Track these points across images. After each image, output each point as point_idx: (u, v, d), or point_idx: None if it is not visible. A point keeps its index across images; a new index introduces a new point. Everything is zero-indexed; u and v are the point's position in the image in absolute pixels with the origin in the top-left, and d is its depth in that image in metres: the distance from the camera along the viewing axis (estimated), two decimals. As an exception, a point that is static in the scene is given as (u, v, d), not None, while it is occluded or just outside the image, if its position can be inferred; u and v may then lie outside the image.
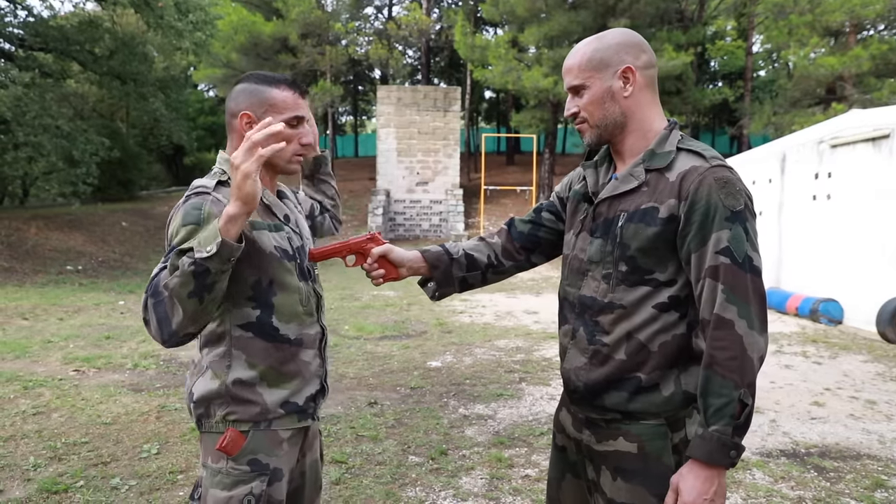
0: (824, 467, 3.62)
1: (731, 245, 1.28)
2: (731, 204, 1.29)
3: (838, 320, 8.35)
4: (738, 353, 1.27)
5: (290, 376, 1.53)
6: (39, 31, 15.19)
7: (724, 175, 1.32)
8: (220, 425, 1.48)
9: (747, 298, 1.28)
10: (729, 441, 1.27)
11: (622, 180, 1.43)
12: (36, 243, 13.61)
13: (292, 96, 1.53)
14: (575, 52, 1.46)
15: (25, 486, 3.26)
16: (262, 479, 1.46)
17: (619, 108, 1.42)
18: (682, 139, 1.43)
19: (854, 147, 8.44)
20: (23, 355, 6.08)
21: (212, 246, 1.22)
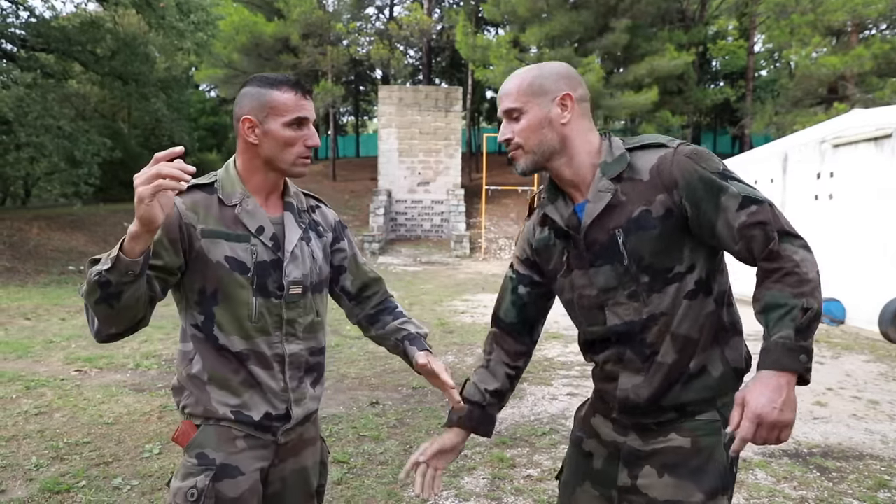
0: (827, 467, 3.61)
1: (745, 193, 1.30)
2: (714, 167, 1.33)
3: (840, 320, 8.34)
4: (793, 268, 1.26)
5: (240, 386, 1.49)
6: (41, 31, 15.21)
7: (690, 148, 1.36)
8: (182, 416, 1.53)
9: (786, 225, 1.30)
10: (793, 344, 1.21)
11: (595, 200, 1.40)
12: (38, 244, 13.63)
13: (294, 97, 1.48)
14: (513, 77, 1.45)
15: (28, 486, 3.26)
16: (207, 474, 1.44)
17: (557, 135, 1.41)
18: (625, 141, 1.44)
19: (856, 147, 8.43)
20: (25, 355, 6.09)
21: (113, 255, 1.25)
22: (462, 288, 11.66)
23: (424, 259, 16.57)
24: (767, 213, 1.30)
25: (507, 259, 16.88)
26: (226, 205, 1.49)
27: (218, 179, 1.52)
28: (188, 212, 1.45)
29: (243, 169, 1.53)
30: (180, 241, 1.43)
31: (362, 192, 21.88)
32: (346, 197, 21.70)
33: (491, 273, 14.25)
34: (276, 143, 1.47)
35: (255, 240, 1.49)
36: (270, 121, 1.47)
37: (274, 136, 1.47)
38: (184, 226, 1.43)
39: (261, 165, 1.52)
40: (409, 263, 15.88)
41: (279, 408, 1.52)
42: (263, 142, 1.48)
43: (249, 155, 1.52)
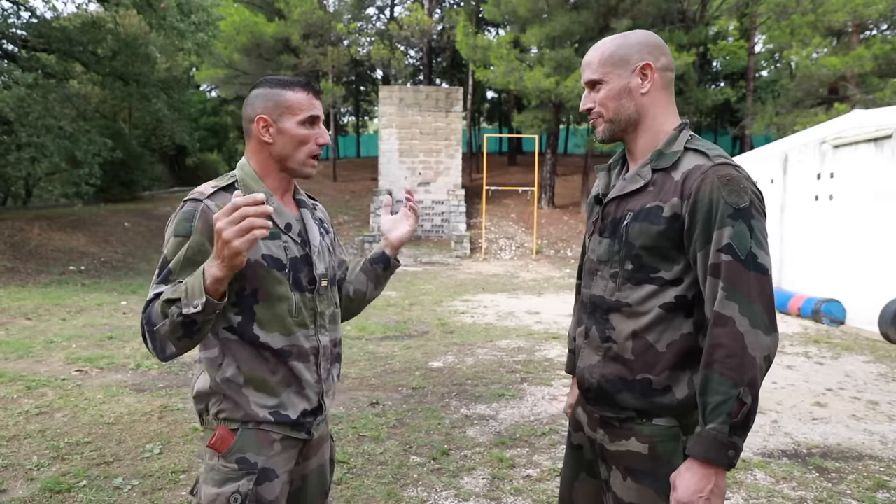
0: (826, 468, 3.62)
1: (734, 242, 1.27)
2: (734, 201, 1.29)
3: (840, 321, 8.34)
4: (738, 350, 1.25)
5: (278, 385, 1.51)
6: (42, 32, 15.21)
7: (728, 172, 1.32)
8: (213, 422, 1.51)
9: (750, 296, 1.26)
10: (726, 440, 1.25)
11: (630, 180, 1.45)
12: (39, 243, 13.64)
13: (307, 97, 1.54)
14: (597, 47, 1.47)
15: (29, 486, 3.27)
16: (249, 478, 1.46)
17: (635, 104, 1.43)
18: (692, 139, 1.43)
19: (856, 147, 8.44)
20: (26, 355, 6.10)
21: (198, 303, 1.28)
22: (462, 288, 11.66)
23: (425, 259, 16.58)
24: (736, 271, 1.27)
25: (507, 259, 16.87)
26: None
27: (238, 179, 1.54)
28: None
29: (259, 169, 1.56)
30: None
31: (363, 192, 21.88)
32: (347, 197, 21.70)
33: (491, 273, 14.25)
34: (289, 141, 1.52)
35: (286, 236, 1.54)
36: (285, 119, 1.52)
37: (288, 134, 1.52)
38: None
39: (274, 165, 1.56)
40: (410, 264, 15.88)
41: (313, 400, 1.56)
42: (277, 140, 1.53)
43: (263, 155, 1.56)
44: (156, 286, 1.41)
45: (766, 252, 1.30)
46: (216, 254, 1.29)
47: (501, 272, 14.52)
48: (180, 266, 1.41)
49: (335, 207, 20.53)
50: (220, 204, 1.45)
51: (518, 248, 17.74)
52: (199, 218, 1.43)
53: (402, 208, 1.84)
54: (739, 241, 1.27)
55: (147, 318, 1.37)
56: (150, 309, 1.38)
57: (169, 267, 1.41)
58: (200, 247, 1.41)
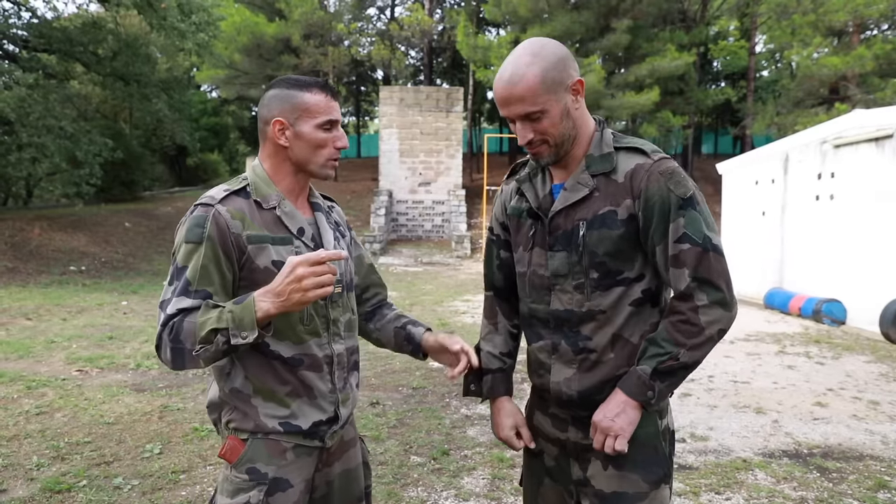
0: (827, 468, 3.61)
1: (689, 230, 1.34)
2: (681, 192, 1.35)
3: (841, 321, 8.34)
4: (693, 319, 1.34)
5: (288, 396, 1.47)
6: (43, 32, 15.22)
7: (668, 166, 1.38)
8: (224, 431, 1.49)
9: (710, 274, 1.34)
10: (647, 380, 1.35)
11: (571, 190, 1.43)
12: (39, 244, 13.65)
13: (325, 99, 1.49)
14: (521, 76, 1.35)
15: (29, 486, 3.27)
16: (260, 489, 1.43)
17: (573, 122, 1.41)
18: (616, 137, 1.45)
19: (857, 147, 8.43)
20: (26, 355, 6.10)
21: (247, 335, 1.30)
22: (463, 288, 11.66)
23: (425, 259, 16.57)
24: (697, 256, 1.33)
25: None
26: (263, 208, 1.47)
27: (250, 182, 1.50)
28: (233, 220, 1.42)
29: (272, 172, 1.52)
30: (233, 252, 1.42)
31: (363, 192, 21.89)
32: (348, 197, 21.70)
33: (492, 273, 14.25)
34: (307, 144, 1.48)
35: (298, 241, 1.50)
36: (302, 123, 1.47)
37: (306, 138, 1.48)
38: (231, 236, 1.41)
39: (290, 168, 1.52)
40: (410, 264, 15.88)
41: (328, 410, 1.52)
42: (294, 144, 1.48)
43: (279, 158, 1.51)
44: (177, 299, 1.37)
45: (717, 232, 1.37)
46: (279, 292, 1.29)
47: (502, 272, 14.52)
48: (198, 276, 1.38)
49: (336, 208, 20.53)
50: (231, 209, 1.42)
51: (518, 248, 17.75)
52: (210, 224, 1.39)
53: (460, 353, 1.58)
54: (694, 227, 1.34)
55: (174, 334, 1.34)
56: (177, 326, 1.34)
57: (186, 277, 1.38)
58: (214, 254, 1.39)
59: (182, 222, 1.45)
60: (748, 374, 5.75)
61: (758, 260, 10.76)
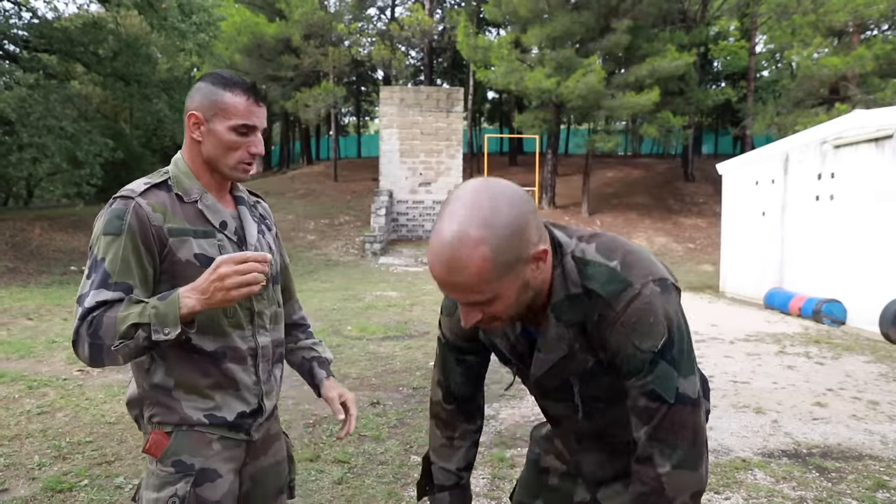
0: (826, 468, 3.62)
1: (657, 386, 1.14)
2: (648, 346, 1.12)
3: (841, 321, 8.34)
4: (658, 491, 1.16)
5: (211, 388, 1.46)
6: (44, 32, 15.25)
7: (632, 315, 1.12)
8: (148, 427, 1.47)
9: (671, 432, 1.15)
10: None
11: (548, 350, 1.23)
12: (40, 244, 13.67)
13: (245, 102, 1.44)
14: (461, 265, 1.01)
15: (30, 485, 3.28)
16: (186, 480, 1.42)
17: (532, 289, 1.14)
18: (580, 268, 1.17)
19: (857, 148, 8.44)
20: (27, 355, 6.11)
21: (170, 331, 1.28)
22: (463, 288, 11.66)
23: (426, 260, 16.54)
24: (662, 414, 1.14)
25: (509, 260, 16.84)
26: (185, 201, 1.46)
27: (171, 176, 1.48)
28: (154, 213, 1.41)
29: (192, 165, 1.50)
30: (153, 245, 1.40)
31: (363, 192, 21.89)
32: (348, 197, 21.71)
33: (492, 273, 14.25)
34: (218, 144, 1.45)
35: (221, 234, 1.49)
36: (216, 121, 1.44)
37: (217, 137, 1.44)
38: (152, 228, 1.40)
39: (203, 164, 1.49)
40: (411, 264, 15.89)
41: (252, 402, 1.52)
42: (206, 141, 1.46)
43: (194, 152, 1.49)
44: (95, 291, 1.33)
45: (692, 370, 1.16)
46: (203, 290, 1.29)
47: (502, 272, 14.52)
48: (118, 268, 1.35)
49: (336, 208, 20.55)
50: (152, 202, 1.40)
51: (519, 248, 17.74)
52: (130, 216, 1.37)
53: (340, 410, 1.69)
54: (663, 384, 1.14)
55: (92, 329, 1.30)
56: (97, 320, 1.31)
57: (105, 269, 1.35)
58: (134, 246, 1.37)
59: (100, 215, 1.42)
60: (748, 374, 5.76)
61: (758, 260, 10.77)
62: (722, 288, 11.96)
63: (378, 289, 11.46)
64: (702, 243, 18.53)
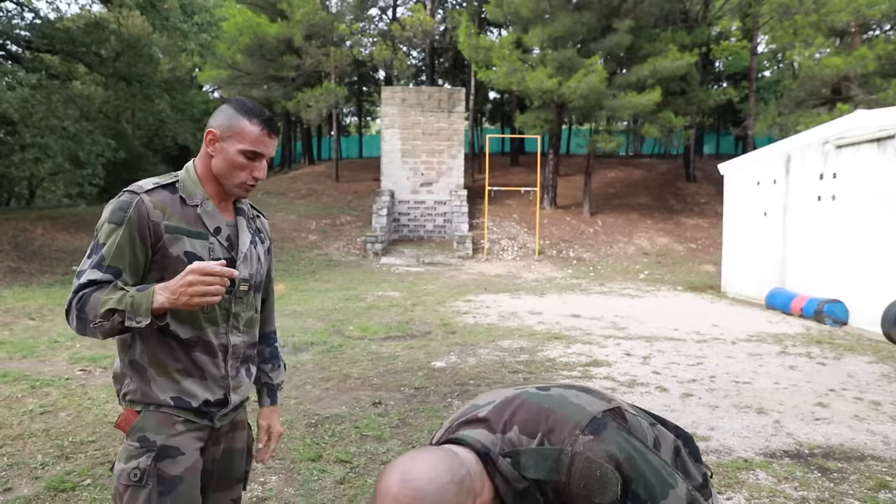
0: (828, 468, 3.62)
1: None
2: (609, 499, 1.12)
3: (843, 321, 8.34)
4: None
5: (179, 373, 1.60)
6: (46, 33, 15.28)
7: (580, 478, 1.12)
8: (123, 403, 1.62)
9: None
10: None
11: None
12: (42, 244, 13.68)
13: (259, 133, 1.61)
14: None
15: (33, 484, 3.29)
16: (148, 455, 1.55)
17: None
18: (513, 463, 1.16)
19: (859, 148, 8.43)
20: (30, 355, 6.12)
21: (141, 320, 1.44)
22: (465, 289, 11.67)
23: (427, 260, 16.58)
24: None
25: (510, 260, 16.87)
26: (187, 204, 1.62)
27: (180, 180, 1.65)
28: (154, 210, 1.57)
29: (202, 174, 1.67)
30: (148, 238, 1.56)
31: (365, 192, 21.90)
32: (349, 198, 21.71)
33: (493, 274, 14.25)
34: (227, 163, 1.62)
35: (213, 238, 1.64)
36: (230, 142, 1.61)
37: (227, 156, 1.61)
38: (150, 223, 1.56)
39: (212, 176, 1.66)
40: (412, 264, 15.89)
41: (217, 393, 1.66)
42: (217, 157, 1.63)
43: (206, 164, 1.66)
44: (90, 270, 1.51)
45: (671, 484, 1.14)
46: (173, 291, 1.44)
47: (504, 273, 14.52)
48: (112, 254, 1.52)
49: (337, 208, 20.55)
50: (155, 200, 1.57)
51: (520, 248, 17.74)
52: (133, 209, 1.54)
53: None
54: None
55: (80, 304, 1.48)
56: (85, 298, 1.48)
57: (102, 253, 1.52)
58: (131, 237, 1.53)
59: (109, 204, 1.60)
60: (750, 374, 5.75)
61: (759, 260, 10.76)
62: (723, 288, 11.95)
63: (380, 289, 11.46)
64: (703, 243, 18.51)
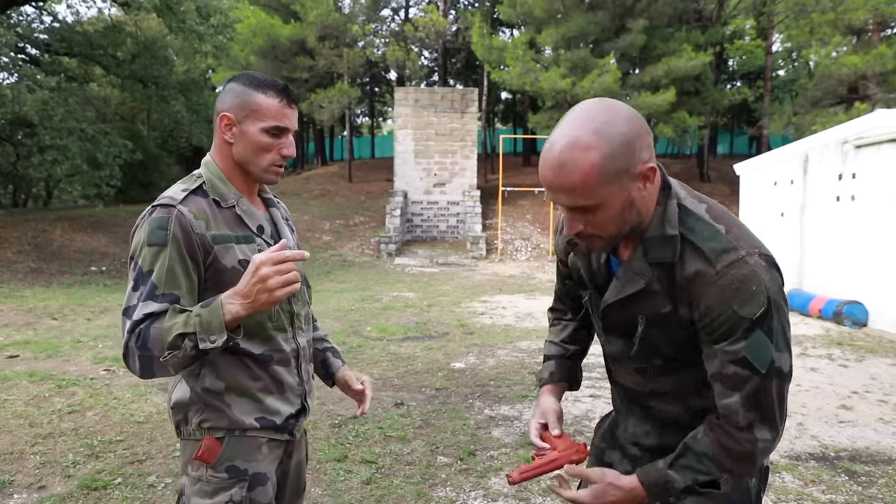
0: (855, 471, 3.60)
1: (750, 356, 1.13)
2: (748, 313, 1.11)
3: (863, 323, 8.26)
4: (746, 448, 1.17)
5: (261, 392, 1.48)
6: (65, 36, 15.47)
7: (735, 278, 1.12)
8: (196, 433, 1.46)
9: (767, 407, 1.16)
10: (675, 490, 1.21)
11: (625, 280, 1.24)
12: (61, 244, 13.85)
13: (279, 104, 1.44)
14: (572, 164, 1.08)
15: (66, 483, 3.34)
16: (241, 486, 1.44)
17: (637, 211, 1.17)
18: (683, 216, 1.19)
19: (879, 148, 8.35)
20: (54, 355, 6.21)
21: (216, 339, 1.28)
22: (480, 289, 11.68)
23: (441, 260, 16.61)
24: (755, 386, 1.14)
25: (524, 261, 16.87)
26: (223, 207, 1.45)
27: (206, 181, 1.46)
28: (196, 221, 1.39)
29: (225, 168, 1.49)
30: (198, 253, 1.38)
31: (378, 193, 21.97)
32: (363, 198, 21.78)
33: (508, 274, 14.25)
34: (250, 146, 1.44)
35: (260, 239, 1.49)
36: (249, 123, 1.43)
37: (249, 139, 1.44)
38: (196, 237, 1.38)
39: (235, 166, 1.48)
40: (426, 265, 15.92)
41: (296, 403, 1.56)
42: (238, 142, 1.45)
43: (225, 154, 1.48)
44: (142, 304, 1.32)
45: (787, 346, 1.16)
46: (246, 294, 1.27)
47: (518, 273, 14.52)
48: (164, 279, 1.33)
49: (351, 208, 20.63)
50: (194, 210, 1.39)
51: (534, 249, 17.73)
52: (174, 225, 1.35)
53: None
54: (757, 354, 1.13)
55: (140, 341, 1.30)
56: (144, 333, 1.30)
57: (153, 281, 1.33)
58: (180, 256, 1.35)
59: (139, 224, 1.39)
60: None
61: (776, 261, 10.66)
62: (740, 289, 11.86)
63: (395, 289, 11.50)
64: (718, 244, 18.39)
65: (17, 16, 15.52)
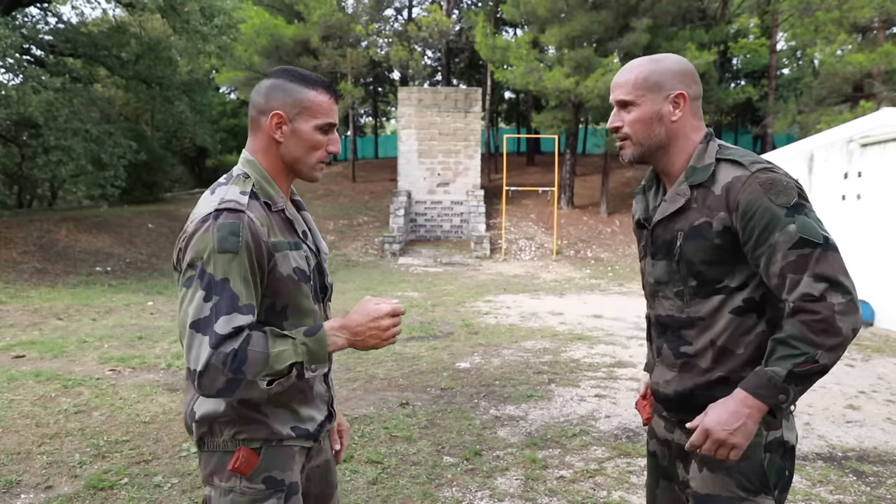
0: (863, 472, 3.58)
1: (804, 233, 1.29)
2: (783, 201, 1.32)
3: (869, 322, 8.23)
4: (828, 316, 1.26)
5: (297, 402, 1.46)
6: (69, 37, 15.49)
7: (767, 177, 1.34)
8: (228, 444, 1.41)
9: (837, 274, 1.29)
10: (780, 383, 1.28)
11: (670, 200, 1.48)
12: (66, 245, 13.88)
13: (328, 101, 1.44)
14: (630, 68, 1.49)
15: (73, 483, 3.35)
16: (278, 497, 1.41)
17: (665, 130, 1.46)
18: (721, 149, 1.46)
19: (885, 146, 8.32)
20: (60, 355, 6.22)
21: (318, 368, 1.38)
22: (484, 289, 11.67)
23: (445, 260, 16.60)
24: (819, 257, 1.28)
25: (528, 260, 16.84)
26: (272, 210, 1.41)
27: (254, 182, 1.42)
28: (262, 228, 1.34)
29: (271, 168, 1.45)
30: (265, 262, 1.35)
31: (382, 193, 21.97)
32: (366, 198, 21.79)
33: (512, 274, 14.23)
34: (302, 144, 1.42)
35: (305, 245, 1.47)
36: (301, 120, 1.41)
37: (301, 136, 1.42)
38: (264, 244, 1.33)
39: (282, 166, 1.45)
40: (430, 264, 15.91)
41: (324, 410, 1.55)
42: (288, 141, 1.42)
43: (273, 153, 1.44)
44: (226, 317, 1.26)
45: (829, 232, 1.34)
46: (357, 332, 1.36)
47: (522, 273, 14.50)
48: (244, 289, 1.29)
49: (354, 208, 20.64)
50: (259, 216, 1.35)
51: (538, 248, 17.70)
52: (245, 232, 1.30)
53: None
54: (809, 231, 1.30)
55: (235, 363, 1.25)
56: (241, 355, 1.26)
57: (232, 291, 1.28)
58: (251, 265, 1.31)
59: (202, 229, 1.30)
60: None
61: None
62: (745, 288, 11.83)
63: (399, 289, 11.50)
64: (723, 243, 18.34)
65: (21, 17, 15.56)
